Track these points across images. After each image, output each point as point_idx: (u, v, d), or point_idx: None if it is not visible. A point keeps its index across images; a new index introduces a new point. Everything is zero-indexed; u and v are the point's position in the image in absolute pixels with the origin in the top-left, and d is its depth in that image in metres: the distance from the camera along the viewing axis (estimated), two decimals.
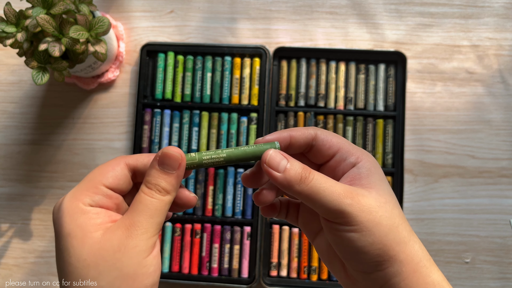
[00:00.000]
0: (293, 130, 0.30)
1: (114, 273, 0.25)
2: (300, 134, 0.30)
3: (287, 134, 0.30)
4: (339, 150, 0.30)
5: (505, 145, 0.58)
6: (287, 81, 0.60)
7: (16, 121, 0.62)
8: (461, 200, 0.58)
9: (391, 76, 0.59)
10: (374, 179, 0.29)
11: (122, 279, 0.25)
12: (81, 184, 0.27)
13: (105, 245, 0.26)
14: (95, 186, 0.27)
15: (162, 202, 0.27)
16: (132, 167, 0.29)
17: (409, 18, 0.60)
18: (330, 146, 0.30)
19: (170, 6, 0.62)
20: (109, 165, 0.28)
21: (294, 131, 0.30)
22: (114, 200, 0.28)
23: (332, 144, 0.30)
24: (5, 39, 0.49)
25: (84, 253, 0.25)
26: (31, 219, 0.60)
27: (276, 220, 0.58)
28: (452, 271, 0.57)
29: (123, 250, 0.25)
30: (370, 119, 0.58)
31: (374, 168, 0.29)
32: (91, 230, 0.26)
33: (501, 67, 0.59)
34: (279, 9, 0.61)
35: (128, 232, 0.26)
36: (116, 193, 0.28)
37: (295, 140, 0.30)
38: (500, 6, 0.60)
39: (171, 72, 0.60)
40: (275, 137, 0.30)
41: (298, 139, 0.30)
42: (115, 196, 0.28)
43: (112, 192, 0.28)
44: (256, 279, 0.56)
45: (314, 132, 0.30)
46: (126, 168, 0.29)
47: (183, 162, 0.28)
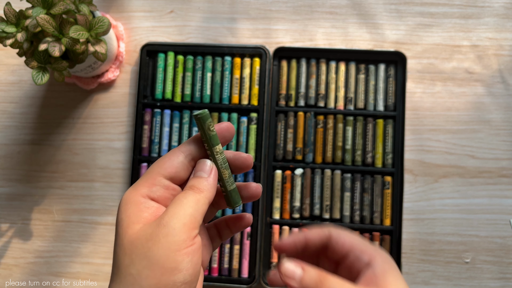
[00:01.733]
0: (308, 232, 0.31)
1: (144, 262, 0.26)
2: (316, 236, 0.32)
3: (302, 237, 0.31)
4: (352, 248, 0.31)
5: (505, 145, 0.58)
6: (287, 81, 0.60)
7: (16, 121, 0.62)
8: (461, 200, 0.58)
9: (391, 76, 0.59)
10: (390, 278, 0.29)
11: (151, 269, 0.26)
12: (143, 176, 0.29)
13: (140, 234, 0.26)
14: (153, 177, 0.29)
15: (196, 197, 0.28)
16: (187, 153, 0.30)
17: (409, 18, 0.60)
18: (343, 245, 0.31)
19: (170, 6, 0.62)
20: (165, 156, 0.30)
21: (310, 233, 0.31)
22: (171, 192, 0.29)
23: (344, 242, 0.31)
24: (5, 39, 0.49)
25: (125, 241, 0.27)
26: (31, 219, 0.60)
27: (276, 220, 0.58)
28: (452, 271, 0.57)
29: (153, 239, 0.26)
30: (370, 119, 0.58)
31: (388, 266, 0.30)
32: (134, 221, 0.27)
33: (501, 67, 0.59)
34: (279, 9, 0.61)
35: (159, 223, 0.26)
36: (176, 183, 0.30)
37: (311, 242, 0.32)
38: (500, 6, 0.60)
39: (171, 72, 0.60)
40: (291, 240, 0.32)
41: (313, 240, 0.32)
42: (172, 187, 0.29)
43: (169, 182, 0.29)
44: (256, 279, 0.56)
45: (329, 232, 0.31)
46: (182, 155, 0.30)
47: (215, 168, 0.30)
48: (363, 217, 0.57)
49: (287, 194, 0.58)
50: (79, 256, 0.59)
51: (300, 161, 0.59)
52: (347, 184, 0.58)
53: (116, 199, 0.60)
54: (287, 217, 0.58)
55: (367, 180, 0.58)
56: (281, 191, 0.58)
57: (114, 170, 0.60)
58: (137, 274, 0.26)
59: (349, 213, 0.58)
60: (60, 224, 0.60)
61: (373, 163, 0.58)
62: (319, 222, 0.58)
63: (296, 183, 0.58)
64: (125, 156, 0.60)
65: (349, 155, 0.58)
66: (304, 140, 0.59)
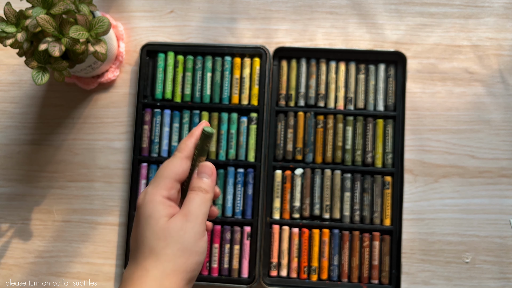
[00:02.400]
0: None
1: (177, 245, 0.35)
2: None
3: None
4: None
5: (505, 145, 0.58)
6: (287, 81, 0.60)
7: (16, 121, 0.62)
8: (461, 200, 0.58)
9: (391, 76, 0.59)
10: None
11: (183, 251, 0.35)
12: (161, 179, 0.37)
13: (170, 225, 0.35)
14: (171, 182, 0.37)
15: (205, 197, 0.38)
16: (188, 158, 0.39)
17: (409, 18, 0.60)
18: None
19: (170, 6, 0.62)
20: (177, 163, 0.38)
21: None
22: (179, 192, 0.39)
23: None
24: (5, 39, 0.49)
25: (157, 229, 0.35)
26: (31, 219, 0.60)
27: (276, 220, 0.58)
28: (452, 271, 0.57)
29: (184, 229, 0.35)
30: (370, 119, 0.58)
31: None
32: (162, 215, 0.36)
33: (501, 67, 0.59)
34: (279, 9, 0.61)
35: (186, 218, 0.36)
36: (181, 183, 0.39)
37: None
38: (500, 6, 0.60)
39: (171, 72, 0.60)
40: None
41: None
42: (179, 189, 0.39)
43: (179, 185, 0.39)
44: (256, 279, 0.56)
45: None
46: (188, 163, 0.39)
47: (215, 171, 0.40)
48: (363, 217, 0.57)
49: (287, 194, 0.58)
50: (79, 256, 0.59)
51: (300, 161, 0.59)
52: (347, 184, 0.58)
53: (116, 199, 0.60)
54: (287, 217, 0.58)
55: (367, 180, 0.58)
56: (281, 191, 0.58)
57: (114, 170, 0.60)
58: (172, 254, 0.34)
59: (349, 213, 0.58)
60: (60, 224, 0.60)
61: (373, 163, 0.58)
62: (319, 222, 0.58)
63: (296, 183, 0.58)
64: (125, 156, 0.60)
65: (349, 155, 0.58)
66: (304, 140, 0.59)
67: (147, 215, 0.36)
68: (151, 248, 0.34)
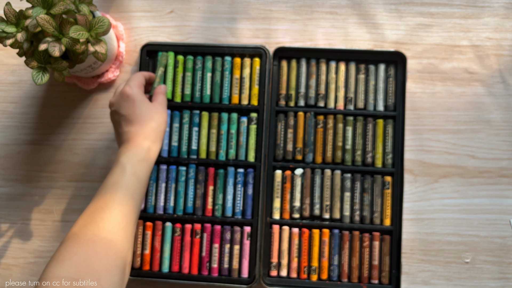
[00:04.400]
0: None
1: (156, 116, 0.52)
2: None
3: None
4: None
5: (505, 145, 0.58)
6: (287, 81, 0.60)
7: (16, 121, 0.62)
8: (461, 200, 0.58)
9: (391, 76, 0.59)
10: None
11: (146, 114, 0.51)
12: (135, 81, 0.53)
13: (151, 106, 0.53)
14: (142, 82, 0.54)
15: (164, 97, 0.55)
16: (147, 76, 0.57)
17: (409, 18, 0.60)
18: None
19: (170, 6, 0.62)
20: (140, 74, 0.55)
21: None
22: None
23: None
24: (5, 39, 0.49)
25: (139, 103, 0.51)
26: (31, 219, 0.60)
27: (276, 220, 0.58)
28: (452, 271, 0.57)
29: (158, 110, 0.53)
30: (370, 119, 0.58)
31: None
32: (142, 98, 0.52)
33: (501, 67, 0.59)
34: (279, 9, 0.61)
35: (159, 105, 0.54)
36: None
37: None
38: (500, 6, 0.60)
39: (171, 72, 0.60)
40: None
41: None
42: None
43: None
44: (256, 279, 0.56)
45: None
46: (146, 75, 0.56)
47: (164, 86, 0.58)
48: (363, 217, 0.57)
49: (287, 194, 0.58)
50: None
51: (300, 161, 0.59)
52: (347, 184, 0.58)
53: None
54: (287, 217, 0.58)
55: (367, 180, 0.58)
56: (281, 191, 0.58)
57: None
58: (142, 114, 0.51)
59: (349, 213, 0.58)
60: (60, 224, 0.60)
61: (373, 163, 0.58)
62: (319, 222, 0.58)
63: (296, 183, 0.58)
64: None
65: (349, 155, 0.58)
66: (304, 140, 0.59)
67: (134, 97, 0.51)
68: (138, 120, 0.51)
